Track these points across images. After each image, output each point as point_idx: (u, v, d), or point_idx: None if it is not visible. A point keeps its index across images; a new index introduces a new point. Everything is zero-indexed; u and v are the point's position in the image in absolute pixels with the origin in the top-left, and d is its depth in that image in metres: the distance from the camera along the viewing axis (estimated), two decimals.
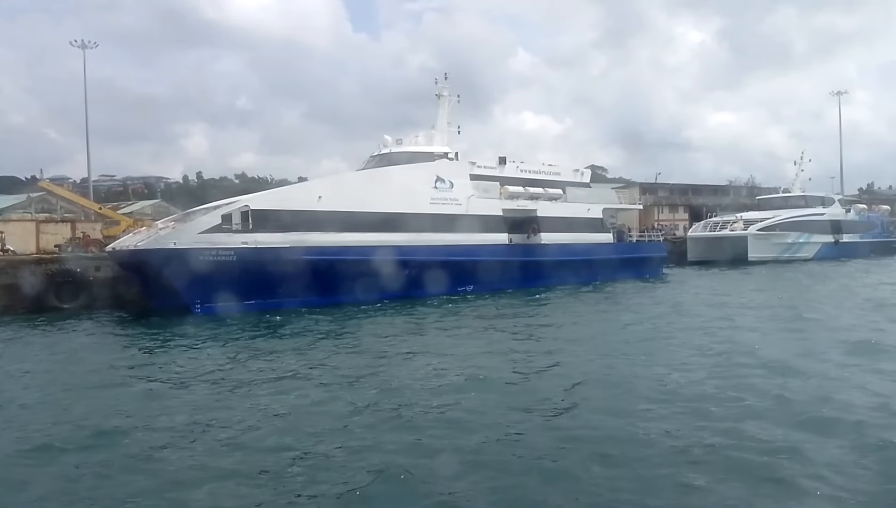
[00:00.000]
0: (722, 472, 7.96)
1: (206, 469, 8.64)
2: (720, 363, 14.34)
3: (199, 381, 14.02)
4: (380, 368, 14.73)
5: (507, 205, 34.45)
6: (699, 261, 51.21)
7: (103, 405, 12.11)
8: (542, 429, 10.01)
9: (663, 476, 7.88)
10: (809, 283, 35.17)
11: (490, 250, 32.58)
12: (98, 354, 18.25)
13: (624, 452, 8.75)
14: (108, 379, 14.68)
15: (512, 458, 8.73)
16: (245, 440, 9.74)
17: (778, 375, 12.78)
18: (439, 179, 31.90)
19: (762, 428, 9.48)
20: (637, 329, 20.32)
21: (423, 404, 11.48)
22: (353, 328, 21.72)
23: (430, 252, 29.78)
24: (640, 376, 13.32)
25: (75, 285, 27.76)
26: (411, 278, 28.71)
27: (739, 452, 8.51)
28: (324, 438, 9.72)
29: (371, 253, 27.53)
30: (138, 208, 71.45)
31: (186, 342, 19.28)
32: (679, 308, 25.32)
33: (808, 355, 14.93)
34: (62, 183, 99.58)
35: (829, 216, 57.79)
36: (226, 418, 10.94)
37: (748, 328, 19.65)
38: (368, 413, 10.95)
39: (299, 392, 12.70)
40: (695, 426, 9.60)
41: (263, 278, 25.21)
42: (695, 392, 11.64)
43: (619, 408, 10.91)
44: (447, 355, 16.56)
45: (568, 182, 38.39)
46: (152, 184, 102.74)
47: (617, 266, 37.49)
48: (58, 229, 41.70)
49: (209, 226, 25.12)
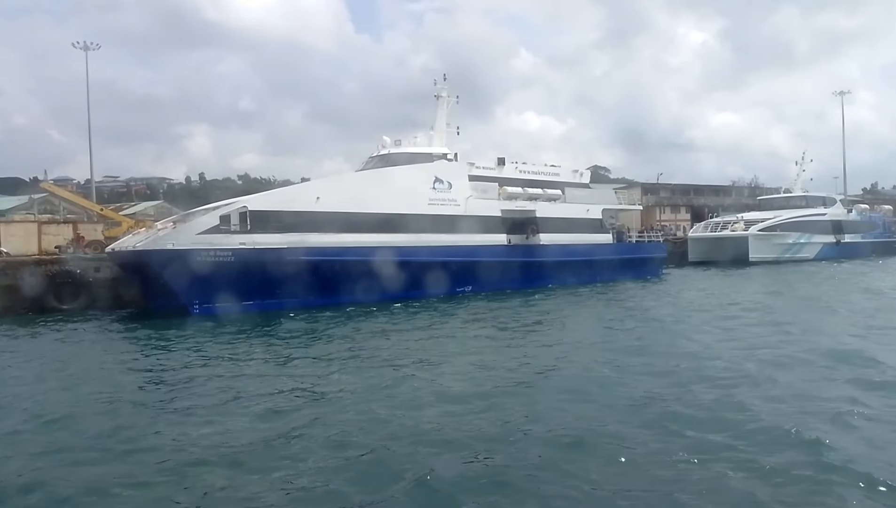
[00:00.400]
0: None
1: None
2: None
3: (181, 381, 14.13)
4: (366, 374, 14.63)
5: (505, 206, 34.50)
6: (700, 261, 51.23)
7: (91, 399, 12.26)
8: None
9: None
10: (805, 285, 34.99)
11: (488, 250, 32.61)
12: (90, 355, 18.35)
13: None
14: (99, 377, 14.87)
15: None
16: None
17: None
18: (438, 179, 31.96)
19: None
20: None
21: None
22: (348, 327, 21.77)
23: (427, 253, 29.82)
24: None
25: (75, 286, 27.87)
26: (409, 278, 28.67)
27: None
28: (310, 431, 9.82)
29: (369, 254, 27.62)
30: (141, 209, 71.77)
31: (176, 342, 19.38)
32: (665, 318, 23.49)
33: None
34: (66, 184, 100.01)
35: (830, 217, 57.71)
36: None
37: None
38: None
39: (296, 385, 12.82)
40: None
41: (261, 278, 25.32)
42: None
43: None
44: (443, 355, 16.64)
45: (567, 183, 38.41)
46: (155, 185, 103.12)
47: (616, 267, 37.49)
48: (59, 229, 41.74)
49: (207, 227, 25.22)
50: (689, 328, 20.45)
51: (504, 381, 13.26)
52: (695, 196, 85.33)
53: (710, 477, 7.91)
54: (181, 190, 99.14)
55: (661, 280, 38.97)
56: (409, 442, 9.44)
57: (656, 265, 41.28)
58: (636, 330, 20.03)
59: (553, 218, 35.98)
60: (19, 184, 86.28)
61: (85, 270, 28.65)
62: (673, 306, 26.95)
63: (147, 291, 26.03)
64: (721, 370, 13.56)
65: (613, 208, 41.03)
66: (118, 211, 61.86)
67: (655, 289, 34.12)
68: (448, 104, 36.40)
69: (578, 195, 38.41)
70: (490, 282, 31.86)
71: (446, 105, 36.22)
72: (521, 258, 34.01)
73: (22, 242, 37.70)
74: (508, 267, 33.04)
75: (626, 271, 37.95)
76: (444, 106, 36.07)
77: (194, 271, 24.08)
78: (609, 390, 12.23)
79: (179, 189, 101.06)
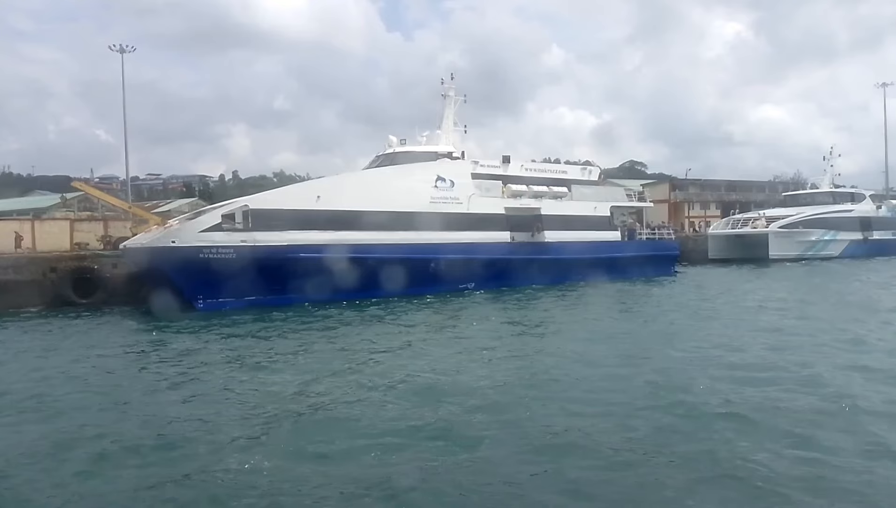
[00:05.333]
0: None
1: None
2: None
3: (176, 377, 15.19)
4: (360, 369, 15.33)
5: (509, 204, 34.83)
6: (720, 259, 50.51)
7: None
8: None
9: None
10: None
11: (491, 248, 33.01)
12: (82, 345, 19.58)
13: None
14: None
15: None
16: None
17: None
18: (440, 178, 32.49)
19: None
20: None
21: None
22: (348, 323, 22.61)
23: (429, 250, 30.42)
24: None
25: (92, 282, 29.45)
26: (411, 275, 29.21)
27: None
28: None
29: (370, 251, 28.41)
30: (175, 206, 74.17)
31: (176, 336, 20.53)
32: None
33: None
34: (111, 182, 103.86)
35: (857, 213, 56.03)
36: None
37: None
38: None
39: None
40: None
41: (263, 275, 26.29)
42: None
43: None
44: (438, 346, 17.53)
45: (574, 180, 38.48)
46: (192, 183, 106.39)
47: (624, 265, 37.36)
48: (91, 227, 43.89)
49: (209, 225, 26.34)
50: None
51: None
52: (726, 192, 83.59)
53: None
54: (216, 188, 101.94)
55: (672, 280, 38.67)
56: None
57: (667, 263, 40.97)
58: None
59: (558, 216, 36.15)
60: (67, 182, 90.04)
61: (102, 266, 30.25)
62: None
63: (156, 286, 27.32)
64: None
65: (623, 206, 40.90)
66: (153, 208, 64.33)
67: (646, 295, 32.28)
68: (455, 103, 36.98)
69: (586, 193, 38.43)
70: (493, 279, 32.33)
71: (453, 104, 36.81)
72: (523, 256, 34.27)
73: (56, 238, 39.91)
74: (511, 265, 33.43)
75: (636, 269, 37.79)
76: (451, 105, 36.67)
77: (197, 267, 25.26)
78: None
79: (214, 187, 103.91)
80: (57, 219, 46.30)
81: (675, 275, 40.45)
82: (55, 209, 64.02)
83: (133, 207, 48.49)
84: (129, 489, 8.16)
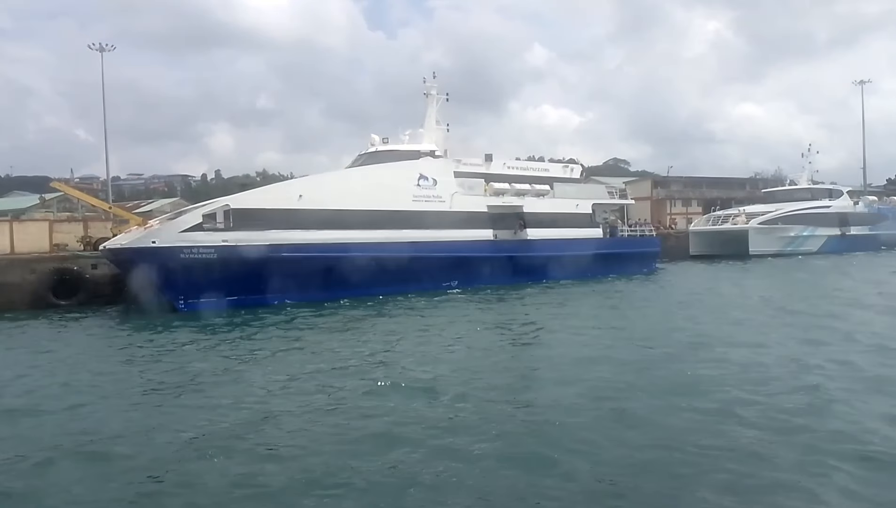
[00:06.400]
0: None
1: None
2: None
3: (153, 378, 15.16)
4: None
5: (492, 201, 34.98)
6: (701, 255, 51.07)
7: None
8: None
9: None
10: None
11: (474, 246, 33.13)
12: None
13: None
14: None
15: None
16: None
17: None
18: (422, 176, 32.57)
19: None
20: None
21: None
22: (326, 323, 22.66)
23: (412, 249, 30.38)
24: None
25: (73, 283, 29.21)
26: (394, 274, 29.26)
27: None
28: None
29: (352, 250, 28.40)
30: (157, 206, 73.52)
31: (149, 337, 20.50)
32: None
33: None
34: (91, 182, 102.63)
35: (835, 209, 56.87)
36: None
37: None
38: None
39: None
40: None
41: (245, 275, 26.19)
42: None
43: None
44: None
45: (556, 178, 38.71)
46: (174, 183, 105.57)
47: (606, 262, 37.65)
48: (71, 228, 43.42)
49: (190, 225, 26.19)
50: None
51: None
52: (707, 189, 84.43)
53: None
54: (198, 187, 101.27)
55: (652, 276, 39.07)
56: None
57: (648, 260, 41.37)
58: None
59: (541, 213, 36.36)
60: (46, 182, 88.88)
61: (83, 267, 30.01)
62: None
63: (136, 287, 27.14)
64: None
65: (605, 203, 41.20)
66: (135, 208, 63.71)
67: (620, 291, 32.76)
68: (438, 102, 37.02)
69: (568, 190, 38.66)
70: (476, 277, 32.42)
71: (436, 103, 36.84)
72: (506, 254, 34.43)
73: (35, 240, 39.43)
74: (494, 262, 33.55)
75: (617, 265, 38.13)
76: (433, 104, 36.69)
77: (177, 268, 25.13)
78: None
79: (196, 187, 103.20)
80: (36, 220, 45.74)
81: (656, 271, 40.86)
82: (34, 210, 63.12)
83: (114, 207, 48.10)
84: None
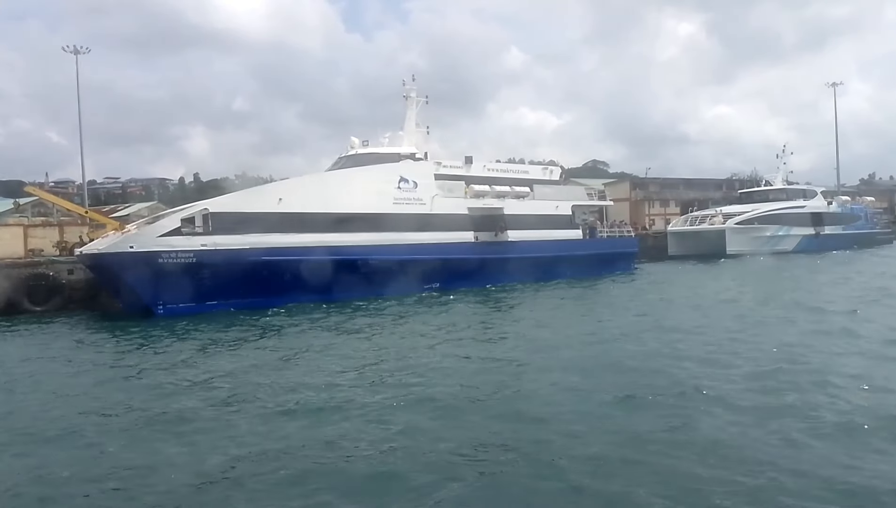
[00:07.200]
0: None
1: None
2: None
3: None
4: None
5: (472, 204, 35.09)
6: (679, 255, 51.62)
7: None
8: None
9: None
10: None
11: (455, 248, 33.22)
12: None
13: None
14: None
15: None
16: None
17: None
18: (403, 179, 32.57)
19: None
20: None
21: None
22: (305, 327, 22.53)
23: (393, 251, 30.44)
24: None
25: (48, 289, 28.78)
26: (375, 277, 29.21)
27: None
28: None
29: (333, 253, 28.29)
30: (134, 210, 72.54)
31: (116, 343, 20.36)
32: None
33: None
34: (66, 186, 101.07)
35: (809, 209, 57.89)
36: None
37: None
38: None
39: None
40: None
41: (224, 279, 26.01)
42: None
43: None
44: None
45: (536, 180, 38.96)
46: (152, 186, 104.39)
47: (585, 263, 37.98)
48: (46, 233, 42.75)
49: (168, 229, 25.91)
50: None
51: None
52: (685, 190, 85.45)
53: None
54: (176, 191, 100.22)
55: (631, 275, 39.44)
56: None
57: (627, 260, 41.78)
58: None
59: (521, 215, 36.55)
60: (20, 187, 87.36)
61: (58, 272, 29.58)
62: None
63: (114, 292, 26.85)
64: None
65: (584, 204, 41.53)
66: (111, 212, 62.83)
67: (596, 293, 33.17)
68: (417, 104, 37.06)
69: (548, 192, 38.93)
70: (457, 279, 32.51)
71: (415, 105, 36.88)
72: (487, 256, 34.59)
73: (8, 245, 38.73)
74: (475, 264, 33.72)
75: (596, 266, 38.48)
76: (412, 106, 36.73)
77: (155, 272, 24.87)
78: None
79: (174, 190, 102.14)
80: (10, 225, 44.90)
81: (635, 271, 41.27)
82: (8, 215, 61.94)
83: (90, 211, 47.47)
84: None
